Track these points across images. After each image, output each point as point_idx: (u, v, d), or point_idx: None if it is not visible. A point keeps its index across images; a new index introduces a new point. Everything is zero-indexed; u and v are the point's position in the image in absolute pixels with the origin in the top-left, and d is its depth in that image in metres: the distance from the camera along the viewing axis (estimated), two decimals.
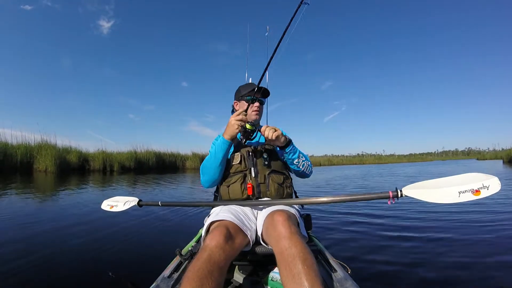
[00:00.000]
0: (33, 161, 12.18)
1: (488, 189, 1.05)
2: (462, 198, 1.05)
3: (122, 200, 1.75)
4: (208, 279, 0.85)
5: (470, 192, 1.06)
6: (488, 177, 1.07)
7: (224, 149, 1.33)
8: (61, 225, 3.20)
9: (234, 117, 1.31)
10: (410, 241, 2.51)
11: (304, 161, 1.46)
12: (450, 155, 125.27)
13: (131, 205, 1.69)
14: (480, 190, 1.05)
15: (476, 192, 1.05)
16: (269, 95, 1.56)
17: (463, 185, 1.08)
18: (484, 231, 2.73)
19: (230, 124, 1.32)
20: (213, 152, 1.36)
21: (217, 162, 1.35)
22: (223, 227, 1.04)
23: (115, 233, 2.94)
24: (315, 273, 0.86)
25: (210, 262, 0.90)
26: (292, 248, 0.92)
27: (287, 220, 1.03)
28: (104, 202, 1.83)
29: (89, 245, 2.53)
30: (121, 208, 1.70)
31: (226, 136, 1.32)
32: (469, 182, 1.08)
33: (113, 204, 1.75)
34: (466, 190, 1.06)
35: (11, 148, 11.98)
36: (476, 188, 1.06)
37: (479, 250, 2.22)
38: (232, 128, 1.31)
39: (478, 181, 1.07)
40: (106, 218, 3.47)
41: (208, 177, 1.40)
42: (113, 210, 1.75)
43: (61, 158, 12.54)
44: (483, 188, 1.05)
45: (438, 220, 3.22)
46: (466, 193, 1.06)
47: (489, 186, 1.05)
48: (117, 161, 14.58)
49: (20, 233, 2.88)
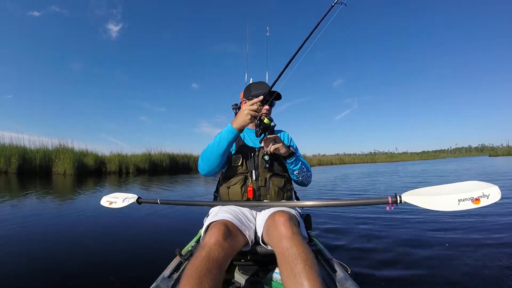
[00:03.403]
0: (52, 164, 12.51)
1: (488, 198, 1.05)
2: (462, 206, 1.07)
3: (121, 196, 1.72)
4: (207, 277, 0.85)
5: (470, 200, 1.07)
6: (489, 186, 1.06)
7: (230, 138, 1.24)
8: (63, 226, 3.27)
9: (248, 106, 1.19)
10: (411, 241, 2.50)
11: (304, 173, 1.43)
12: (463, 151, 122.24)
13: (130, 202, 1.66)
14: (480, 198, 1.06)
15: (476, 201, 1.06)
16: (280, 98, 1.48)
17: (463, 193, 1.08)
18: (487, 234, 2.68)
19: (243, 113, 1.19)
20: (217, 139, 1.28)
21: (220, 150, 1.27)
22: (222, 225, 1.04)
23: (116, 233, 3.00)
24: (316, 273, 0.86)
25: (209, 260, 0.89)
26: (293, 248, 0.93)
27: (288, 220, 1.03)
28: (104, 198, 1.79)
29: (90, 245, 2.58)
30: (120, 205, 1.66)
31: (235, 125, 1.22)
32: (469, 190, 1.08)
33: (112, 201, 1.71)
34: (466, 198, 1.07)
35: (29, 153, 12.34)
36: (476, 196, 1.06)
37: (482, 253, 2.18)
38: (244, 117, 1.19)
39: (478, 189, 1.07)
40: (111, 218, 3.53)
41: (206, 165, 1.34)
42: (112, 207, 1.71)
43: (79, 161, 12.87)
44: (483, 197, 1.05)
45: (439, 222, 3.19)
46: (466, 201, 1.07)
47: (489, 195, 1.05)
48: (132, 163, 14.85)
49: (24, 231, 2.96)
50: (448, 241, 2.47)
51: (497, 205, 3.92)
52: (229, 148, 1.28)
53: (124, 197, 1.69)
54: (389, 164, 30.49)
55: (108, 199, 1.75)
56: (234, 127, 1.22)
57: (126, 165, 14.68)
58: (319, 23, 1.21)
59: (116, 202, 1.69)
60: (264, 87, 1.43)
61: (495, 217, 3.31)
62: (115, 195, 1.76)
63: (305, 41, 1.20)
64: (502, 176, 9.39)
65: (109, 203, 1.72)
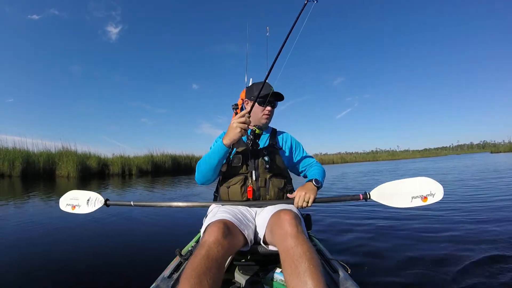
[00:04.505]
0: (55, 167, 12.55)
1: (433, 196, 1.18)
2: (414, 203, 1.20)
3: (83, 197, 1.53)
4: (206, 275, 0.84)
5: (420, 198, 1.20)
6: (436, 185, 1.20)
7: (221, 155, 1.25)
8: (64, 227, 3.27)
9: (236, 119, 1.18)
10: (411, 241, 2.48)
11: (324, 178, 1.48)
12: (465, 148, 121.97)
13: (98, 206, 1.50)
14: (427, 197, 1.19)
15: (424, 199, 1.19)
16: (283, 99, 1.49)
17: (415, 191, 1.21)
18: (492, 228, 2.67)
19: (232, 127, 1.19)
20: (210, 153, 1.30)
21: (212, 164, 1.28)
22: (221, 224, 1.04)
23: (116, 234, 3.01)
24: (320, 273, 0.86)
25: (208, 259, 0.89)
26: (298, 246, 0.92)
27: (294, 219, 1.03)
28: (62, 201, 1.57)
29: (90, 245, 2.60)
30: (85, 210, 1.49)
31: (225, 141, 1.21)
32: (420, 187, 1.22)
33: (74, 204, 1.52)
34: (417, 196, 1.21)
35: (33, 156, 12.40)
36: (425, 194, 1.19)
37: (484, 248, 2.16)
38: (234, 131, 1.18)
39: (427, 187, 1.21)
40: (111, 219, 3.56)
41: (201, 176, 1.36)
42: (76, 212, 1.51)
43: (82, 163, 12.93)
44: (430, 195, 1.19)
45: (439, 222, 3.15)
46: (416, 199, 1.20)
47: (435, 194, 1.18)
48: (135, 165, 14.92)
49: (25, 234, 2.97)
50: (448, 241, 2.44)
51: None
52: (220, 163, 1.30)
53: (87, 198, 1.52)
54: (390, 162, 30.43)
55: (68, 202, 1.55)
56: (225, 144, 1.22)
57: (129, 167, 14.75)
58: (296, 20, 1.27)
59: (80, 206, 1.51)
60: (266, 88, 1.41)
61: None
62: (74, 195, 1.56)
63: (286, 40, 1.26)
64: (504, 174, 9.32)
65: (72, 207, 1.53)
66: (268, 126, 1.55)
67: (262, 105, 1.42)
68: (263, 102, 1.41)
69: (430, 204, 1.19)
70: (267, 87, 1.41)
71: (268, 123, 1.50)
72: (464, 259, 1.98)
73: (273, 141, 1.48)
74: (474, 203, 4.07)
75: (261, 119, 1.45)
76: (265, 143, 1.47)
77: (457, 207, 3.79)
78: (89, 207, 1.50)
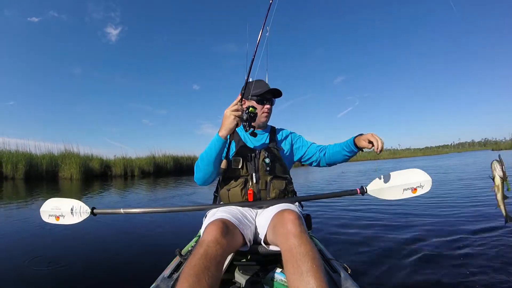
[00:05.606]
0: (58, 169, 12.59)
1: (422, 188, 1.23)
2: (405, 195, 1.25)
3: (66, 205, 1.42)
4: (205, 274, 0.84)
5: (410, 190, 1.24)
6: (425, 177, 1.25)
7: (218, 148, 1.23)
8: (65, 226, 3.26)
9: (229, 108, 1.19)
10: (411, 241, 2.49)
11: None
12: (466, 146, 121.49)
13: (84, 216, 1.40)
14: (417, 188, 1.23)
15: (414, 190, 1.24)
16: (281, 95, 1.48)
17: (406, 182, 1.25)
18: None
19: (226, 116, 1.19)
20: (207, 149, 1.27)
21: (210, 159, 1.26)
22: (220, 223, 1.04)
23: (116, 234, 3.04)
24: (323, 273, 0.86)
25: (206, 258, 0.89)
26: (301, 246, 0.92)
27: (297, 218, 1.03)
28: (43, 212, 1.44)
29: (90, 245, 2.62)
30: (70, 220, 1.40)
31: (221, 132, 1.20)
32: (411, 178, 1.26)
33: (57, 215, 1.41)
34: (407, 188, 1.25)
35: (36, 158, 12.43)
36: (415, 186, 1.24)
37: (486, 249, 2.15)
38: (229, 120, 1.18)
39: (417, 179, 1.25)
40: (111, 219, 3.56)
41: (200, 175, 1.33)
42: (61, 223, 1.41)
43: (85, 165, 12.97)
44: (419, 187, 1.23)
45: (439, 221, 3.16)
46: (407, 191, 1.24)
47: (424, 186, 1.23)
48: (137, 166, 14.94)
49: (26, 234, 3.03)
50: (450, 240, 2.44)
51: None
52: (219, 157, 1.27)
53: (70, 206, 1.41)
54: (391, 161, 30.34)
55: (50, 213, 1.43)
56: (220, 135, 1.21)
57: (131, 168, 14.77)
58: (266, 16, 1.34)
59: (64, 217, 1.41)
60: (263, 86, 1.43)
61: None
62: (56, 204, 1.44)
63: (259, 38, 1.32)
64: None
65: (56, 217, 1.42)
66: (267, 125, 1.55)
67: (260, 103, 1.43)
68: (261, 101, 1.42)
69: (419, 196, 1.24)
70: (264, 85, 1.42)
71: (267, 121, 1.51)
72: (465, 256, 1.99)
73: (272, 140, 1.48)
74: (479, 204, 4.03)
75: (260, 118, 1.45)
76: (265, 140, 1.48)
77: (462, 205, 3.79)
78: (75, 217, 1.39)
